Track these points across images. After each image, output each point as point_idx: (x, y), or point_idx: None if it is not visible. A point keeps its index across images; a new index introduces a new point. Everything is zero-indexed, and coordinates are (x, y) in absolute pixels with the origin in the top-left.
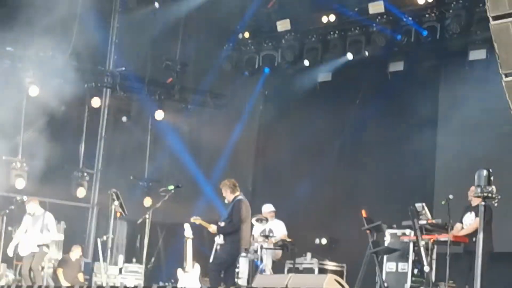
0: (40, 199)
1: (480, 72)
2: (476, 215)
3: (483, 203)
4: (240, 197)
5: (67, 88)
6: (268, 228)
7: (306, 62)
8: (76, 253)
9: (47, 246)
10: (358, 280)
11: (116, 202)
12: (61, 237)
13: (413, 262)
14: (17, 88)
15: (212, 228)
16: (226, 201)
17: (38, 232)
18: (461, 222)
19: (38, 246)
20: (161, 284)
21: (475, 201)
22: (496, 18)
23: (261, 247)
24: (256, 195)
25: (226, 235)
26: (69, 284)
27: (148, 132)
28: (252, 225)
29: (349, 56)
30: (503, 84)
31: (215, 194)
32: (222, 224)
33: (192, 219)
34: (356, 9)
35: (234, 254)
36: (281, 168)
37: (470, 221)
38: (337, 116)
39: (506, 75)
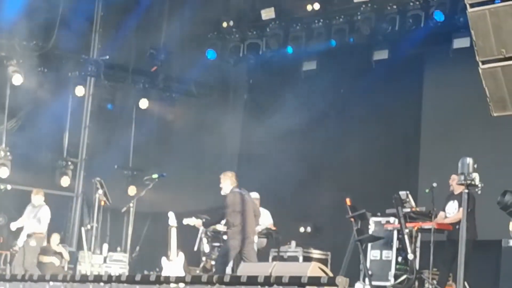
0: (24, 188)
1: (464, 60)
2: (459, 204)
3: (466, 190)
4: (234, 190)
5: (51, 77)
6: None
7: (291, 51)
8: (55, 240)
9: (35, 240)
10: (342, 268)
11: (100, 191)
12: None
13: (397, 250)
14: (0, 77)
15: (197, 222)
16: (222, 192)
17: (30, 220)
18: (444, 211)
19: (28, 236)
20: (145, 272)
21: (457, 189)
22: (473, 5)
23: None
24: (240, 184)
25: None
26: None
27: (133, 121)
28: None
29: (333, 43)
30: (480, 72)
31: (200, 183)
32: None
33: (184, 222)
34: None
35: (233, 245)
36: (265, 157)
37: (453, 210)
38: (322, 104)
39: (483, 63)
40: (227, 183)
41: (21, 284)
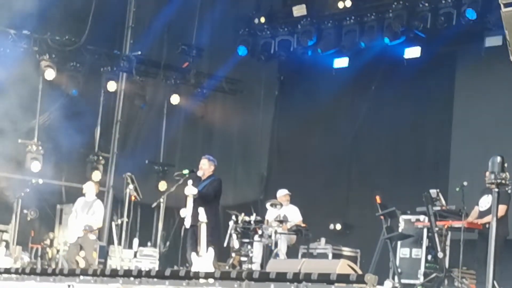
0: (55, 182)
1: (496, 58)
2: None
3: (496, 189)
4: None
5: (83, 72)
6: (283, 213)
7: (322, 48)
8: None
9: (94, 233)
10: (371, 265)
11: (131, 186)
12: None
13: (427, 248)
14: (33, 72)
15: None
16: (200, 174)
17: (85, 215)
18: (478, 205)
19: (84, 228)
20: (175, 268)
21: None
22: (507, 5)
23: (276, 232)
24: (270, 181)
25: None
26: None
27: (164, 117)
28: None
29: (363, 45)
30: None
31: (230, 179)
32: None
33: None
34: None
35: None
36: (296, 154)
37: (486, 204)
38: (353, 102)
39: None
40: (212, 168)
41: (52, 278)
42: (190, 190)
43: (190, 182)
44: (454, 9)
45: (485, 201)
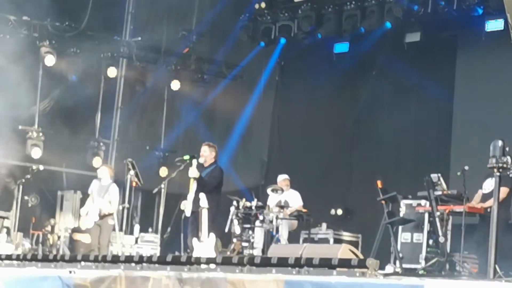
0: (56, 169)
1: (497, 43)
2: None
3: (497, 173)
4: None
5: (83, 58)
6: (284, 198)
7: (323, 33)
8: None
9: (112, 218)
10: (373, 250)
11: (132, 172)
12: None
13: (428, 232)
14: (33, 58)
15: (196, 172)
16: (202, 160)
17: (100, 200)
18: (481, 188)
19: (100, 216)
20: (176, 253)
21: None
22: None
23: (277, 217)
24: (271, 166)
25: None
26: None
27: (164, 102)
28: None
29: (363, 30)
30: None
31: (231, 164)
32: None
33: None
34: None
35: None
36: (296, 139)
37: (490, 186)
38: (354, 86)
39: None
40: (213, 154)
41: (53, 264)
42: (193, 173)
43: (195, 163)
44: None
45: (489, 184)
